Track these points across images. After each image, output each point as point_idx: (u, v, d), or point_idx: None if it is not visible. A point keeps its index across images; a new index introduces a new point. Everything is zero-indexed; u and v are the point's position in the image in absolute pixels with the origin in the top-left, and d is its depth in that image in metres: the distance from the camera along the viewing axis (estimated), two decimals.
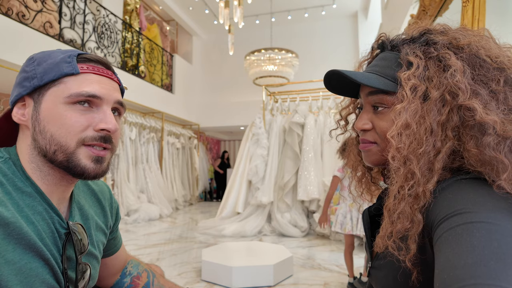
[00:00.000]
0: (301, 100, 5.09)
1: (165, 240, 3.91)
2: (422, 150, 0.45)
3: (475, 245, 0.33)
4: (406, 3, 3.40)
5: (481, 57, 0.47)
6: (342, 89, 0.61)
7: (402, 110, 0.47)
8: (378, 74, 0.53)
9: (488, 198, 0.39)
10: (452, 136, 0.46)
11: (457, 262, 0.33)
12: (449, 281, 0.32)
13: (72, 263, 0.59)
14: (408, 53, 0.51)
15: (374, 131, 0.54)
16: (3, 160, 0.54)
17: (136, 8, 6.37)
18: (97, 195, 0.73)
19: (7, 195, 0.50)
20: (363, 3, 7.29)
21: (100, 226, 0.70)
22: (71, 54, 0.56)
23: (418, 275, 0.44)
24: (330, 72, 0.55)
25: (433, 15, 2.08)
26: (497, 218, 0.35)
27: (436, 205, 0.43)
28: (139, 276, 0.82)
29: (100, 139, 0.56)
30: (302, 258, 3.10)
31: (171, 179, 6.84)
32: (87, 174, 0.55)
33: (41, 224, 0.54)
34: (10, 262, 0.47)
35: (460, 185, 0.42)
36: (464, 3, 1.37)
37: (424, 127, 0.46)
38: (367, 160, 0.57)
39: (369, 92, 0.54)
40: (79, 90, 0.54)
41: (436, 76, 0.48)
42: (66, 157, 0.54)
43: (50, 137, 0.53)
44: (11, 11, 3.61)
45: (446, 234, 0.37)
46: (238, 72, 8.23)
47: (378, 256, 0.56)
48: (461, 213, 0.37)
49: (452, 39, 0.50)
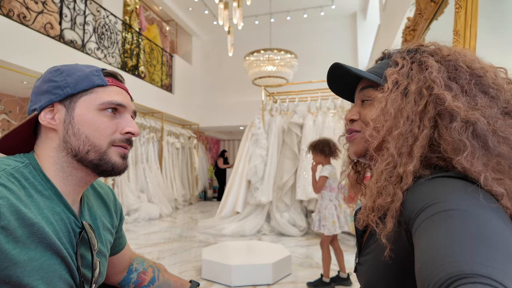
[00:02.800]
0: (300, 101, 5.13)
1: (165, 239, 3.95)
2: (398, 132, 0.50)
3: (450, 229, 0.36)
4: (404, 5, 3.44)
5: (458, 63, 0.52)
6: (342, 89, 0.68)
7: (383, 98, 0.54)
8: (370, 71, 0.60)
9: (458, 189, 0.43)
10: (428, 125, 0.50)
11: (436, 244, 0.36)
12: (429, 261, 0.35)
13: (84, 260, 0.63)
14: (397, 56, 0.59)
15: (360, 121, 0.61)
16: (24, 165, 0.58)
17: (136, 9, 6.39)
18: (103, 197, 0.78)
19: (30, 197, 0.55)
20: (362, 4, 7.33)
21: (106, 226, 0.75)
22: (97, 68, 0.65)
23: (390, 252, 0.47)
24: (332, 65, 0.61)
25: (428, 19, 2.12)
26: (465, 205, 0.39)
27: (412, 199, 0.46)
28: (145, 272, 0.87)
29: (126, 141, 0.65)
30: (300, 257, 3.14)
31: (171, 178, 6.87)
32: (116, 169, 0.64)
33: (59, 224, 0.58)
34: (33, 259, 0.51)
35: (434, 181, 0.46)
36: (457, 9, 1.41)
37: (401, 114, 0.52)
38: (352, 150, 0.62)
39: (361, 88, 0.61)
40: (110, 99, 0.64)
41: (416, 75, 0.54)
42: (98, 155, 0.62)
43: (84, 138, 0.61)
44: (12, 13, 3.64)
45: (424, 224, 0.40)
46: (237, 73, 8.26)
47: (363, 252, 0.60)
48: (435, 203, 0.41)
49: (436, 49, 0.57)
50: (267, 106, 5.32)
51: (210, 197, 9.25)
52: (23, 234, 0.50)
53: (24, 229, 0.50)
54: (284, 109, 5.27)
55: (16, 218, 0.49)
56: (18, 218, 0.50)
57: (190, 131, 8.18)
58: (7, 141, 0.64)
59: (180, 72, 7.71)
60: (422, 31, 2.28)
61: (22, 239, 0.50)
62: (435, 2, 1.98)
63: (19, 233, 0.49)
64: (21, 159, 0.60)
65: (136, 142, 5.93)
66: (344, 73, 0.62)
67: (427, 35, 2.27)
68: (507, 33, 1.53)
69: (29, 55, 3.71)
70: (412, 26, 2.44)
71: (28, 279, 0.50)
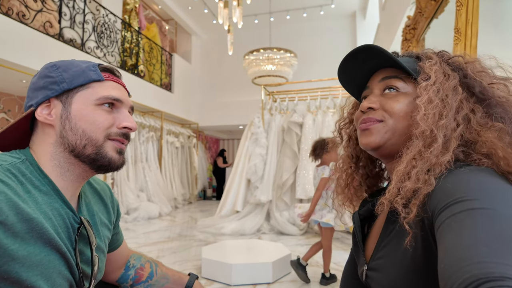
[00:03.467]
0: (300, 100, 5.12)
1: (165, 238, 3.95)
2: (443, 123, 0.50)
3: (478, 229, 0.34)
4: (404, 4, 3.44)
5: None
6: (350, 79, 0.65)
7: (429, 86, 0.52)
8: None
9: (487, 185, 0.41)
10: (462, 120, 0.51)
11: (461, 244, 0.34)
12: (454, 261, 0.33)
13: (83, 256, 0.63)
14: (426, 52, 0.60)
15: (381, 110, 0.57)
16: (21, 161, 0.58)
17: (135, 8, 6.38)
18: (100, 194, 0.77)
19: (27, 193, 0.54)
20: (361, 3, 7.33)
21: (104, 222, 0.75)
22: (93, 64, 0.65)
23: (411, 240, 0.46)
24: (363, 46, 0.57)
25: (429, 17, 2.12)
26: (496, 204, 0.37)
27: (435, 195, 0.45)
28: (142, 268, 0.87)
29: (122, 135, 0.66)
30: (300, 256, 3.14)
31: (170, 178, 6.86)
32: (113, 164, 0.64)
33: (57, 219, 0.58)
34: (32, 254, 0.51)
35: (458, 175, 0.45)
36: (458, 7, 1.41)
37: (444, 106, 0.51)
38: (367, 140, 0.57)
39: (384, 77, 0.59)
40: (106, 94, 0.64)
41: (451, 72, 0.55)
42: (95, 149, 0.62)
43: (81, 132, 0.61)
44: (11, 11, 3.63)
45: (448, 221, 0.38)
46: (237, 72, 8.25)
47: (374, 257, 0.57)
48: (462, 201, 0.39)
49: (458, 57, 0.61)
50: (267, 105, 5.31)
51: (209, 196, 9.25)
52: (22, 230, 0.50)
53: (23, 224, 0.50)
54: (284, 108, 5.27)
55: (15, 213, 0.49)
56: (17, 213, 0.49)
57: (189, 130, 8.18)
58: (4, 137, 0.65)
59: (180, 71, 7.70)
60: (422, 29, 2.27)
61: (21, 234, 0.49)
62: (435, 0, 1.98)
63: (18, 228, 0.49)
64: (18, 155, 0.60)
65: (136, 141, 5.92)
66: (364, 59, 0.59)
67: (428, 34, 2.27)
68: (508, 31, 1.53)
69: (28, 53, 3.70)
70: (412, 25, 2.44)
71: (27, 275, 0.49)
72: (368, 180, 0.72)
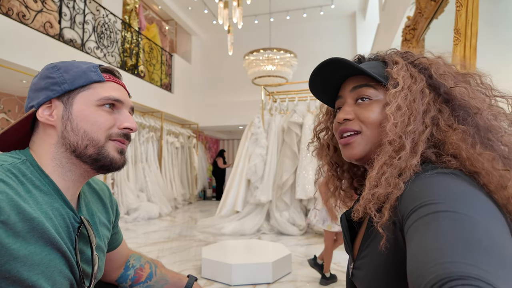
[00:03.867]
0: (300, 100, 5.13)
1: (165, 239, 3.95)
2: (411, 128, 0.52)
3: (443, 231, 0.36)
4: (404, 4, 3.44)
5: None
6: (323, 90, 0.66)
7: (397, 93, 0.54)
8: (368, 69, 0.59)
9: (451, 189, 0.43)
10: (430, 122, 0.53)
11: (426, 246, 0.36)
12: (420, 263, 0.35)
13: (84, 255, 0.63)
14: (392, 56, 0.61)
15: (357, 120, 0.59)
16: (21, 161, 0.58)
17: (135, 8, 6.38)
18: (99, 193, 0.78)
19: (28, 193, 0.54)
20: (361, 4, 7.33)
21: (103, 222, 0.75)
22: (94, 65, 0.65)
23: (386, 242, 0.47)
24: (330, 60, 0.58)
25: (428, 18, 2.12)
26: (459, 206, 0.39)
27: (404, 199, 0.46)
28: (142, 268, 0.87)
29: (123, 136, 0.66)
30: (300, 256, 3.14)
31: (170, 178, 6.86)
32: (114, 164, 0.64)
33: (58, 219, 0.58)
34: (33, 253, 0.51)
35: (425, 179, 0.47)
36: (458, 8, 1.41)
37: (411, 111, 0.53)
38: (350, 153, 0.59)
39: (355, 86, 0.60)
40: (107, 95, 0.64)
41: (417, 74, 0.57)
42: (96, 149, 0.62)
43: (83, 133, 0.61)
44: (11, 11, 3.63)
45: (416, 224, 0.40)
46: (237, 72, 8.25)
47: (359, 256, 0.59)
48: (427, 204, 0.41)
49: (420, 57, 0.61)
50: (267, 105, 5.31)
51: (209, 196, 9.25)
52: (23, 229, 0.50)
53: (24, 224, 0.50)
54: (284, 109, 5.27)
55: (16, 212, 0.49)
56: (18, 212, 0.49)
57: (189, 130, 8.18)
58: (5, 138, 0.65)
59: (180, 71, 7.71)
60: (422, 30, 2.28)
61: (22, 233, 0.49)
62: (435, 1, 1.98)
63: (19, 227, 0.49)
64: (18, 155, 0.60)
65: (136, 141, 5.92)
66: (333, 70, 0.61)
67: (427, 34, 2.27)
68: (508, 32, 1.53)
69: (28, 54, 3.70)
70: (412, 25, 2.44)
71: (28, 274, 0.50)
72: (355, 181, 0.73)
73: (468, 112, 0.52)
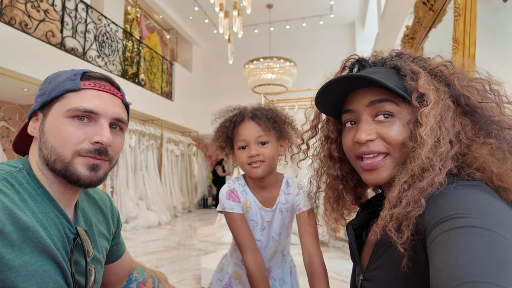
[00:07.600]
0: (300, 108, 5.14)
1: (164, 247, 3.91)
2: (442, 150, 0.47)
3: (471, 247, 0.34)
4: (402, 13, 3.48)
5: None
6: (330, 104, 0.60)
7: (430, 112, 0.48)
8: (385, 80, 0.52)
9: (480, 203, 0.40)
10: (455, 139, 0.49)
11: (454, 262, 0.33)
12: (447, 279, 0.33)
13: (79, 266, 0.62)
14: (406, 63, 0.54)
15: (380, 141, 0.53)
16: (18, 170, 0.58)
17: (136, 17, 6.45)
18: (99, 204, 0.76)
19: (23, 202, 0.54)
20: (360, 13, 7.41)
21: (102, 233, 0.73)
22: (77, 72, 0.61)
23: (407, 261, 0.45)
24: (351, 75, 0.51)
25: (427, 27, 2.14)
26: (488, 223, 0.36)
27: (428, 211, 0.44)
28: (145, 282, 0.84)
29: (94, 152, 0.59)
30: (301, 265, 3.10)
31: (170, 186, 6.83)
32: (82, 181, 0.58)
33: (53, 229, 0.57)
34: (28, 263, 0.50)
35: (450, 191, 0.44)
36: (456, 17, 1.42)
37: (443, 130, 0.48)
38: (377, 178, 0.54)
39: (373, 100, 0.53)
40: (77, 105, 0.58)
41: (440, 86, 0.51)
42: (63, 166, 0.57)
43: (51, 147, 0.58)
44: (14, 21, 3.67)
45: (440, 237, 0.38)
46: (237, 80, 8.30)
47: (369, 267, 0.56)
48: (454, 218, 0.38)
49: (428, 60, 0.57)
50: None
51: (209, 204, 9.19)
52: (18, 238, 0.49)
53: (19, 233, 0.49)
54: None
55: (11, 221, 0.48)
56: (13, 221, 0.49)
57: (189, 138, 8.18)
58: (17, 144, 0.68)
59: (180, 79, 7.75)
60: (420, 39, 2.30)
61: (17, 243, 0.49)
62: (433, 10, 2.00)
63: (14, 237, 0.48)
64: (15, 164, 0.60)
65: (136, 149, 5.92)
66: (348, 84, 0.55)
67: (426, 43, 2.29)
68: (506, 41, 1.54)
69: (30, 62, 3.72)
70: (411, 34, 2.47)
71: (23, 284, 0.49)
72: (356, 191, 0.70)
73: (496, 126, 0.49)
